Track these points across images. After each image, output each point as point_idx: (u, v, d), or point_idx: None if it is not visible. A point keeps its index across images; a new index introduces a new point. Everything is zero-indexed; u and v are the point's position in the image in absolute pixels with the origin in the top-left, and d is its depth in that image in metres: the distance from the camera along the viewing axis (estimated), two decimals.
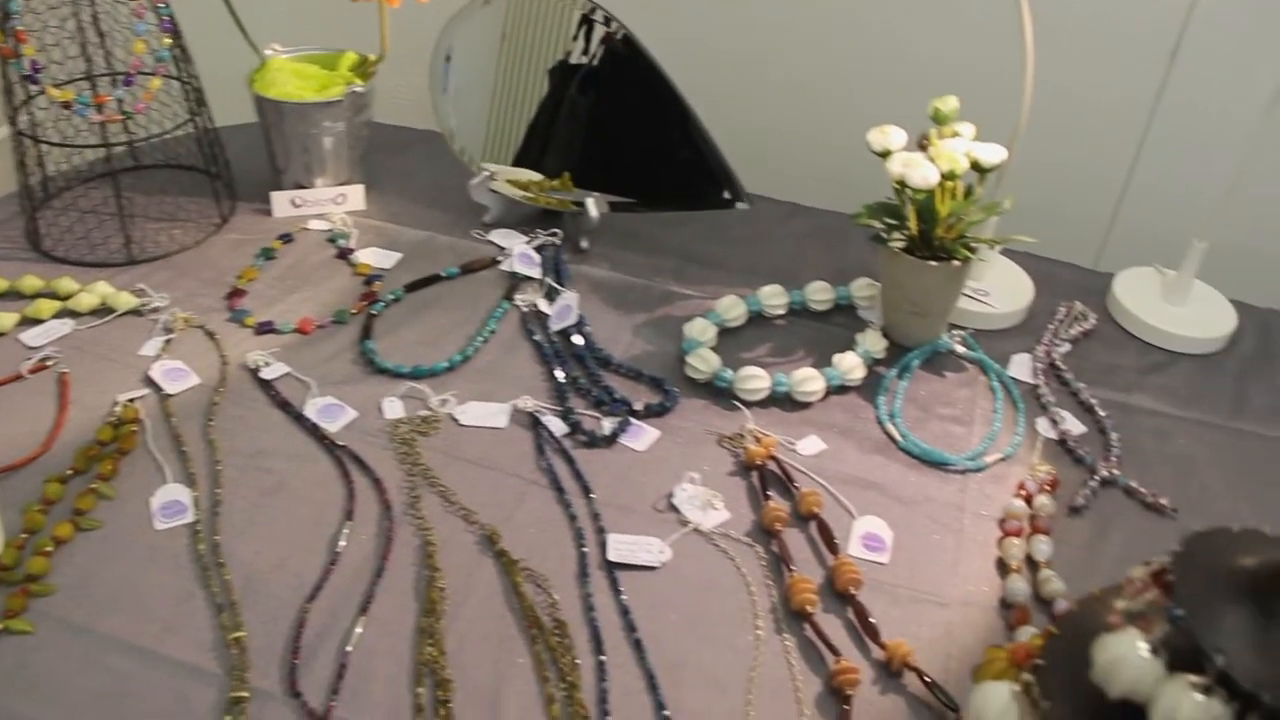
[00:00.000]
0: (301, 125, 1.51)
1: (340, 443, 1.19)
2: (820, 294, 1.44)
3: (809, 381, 1.28)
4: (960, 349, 1.40)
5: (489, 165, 1.54)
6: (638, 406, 1.25)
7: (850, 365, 1.31)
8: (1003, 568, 1.11)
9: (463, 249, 1.52)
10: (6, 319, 1.32)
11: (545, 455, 1.19)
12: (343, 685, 0.95)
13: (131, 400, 1.23)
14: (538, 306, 1.40)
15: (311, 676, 0.96)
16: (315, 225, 1.55)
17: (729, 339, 1.39)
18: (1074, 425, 1.31)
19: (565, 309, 1.38)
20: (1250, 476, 1.28)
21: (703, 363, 1.29)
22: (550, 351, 1.33)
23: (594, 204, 1.50)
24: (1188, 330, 1.47)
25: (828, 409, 1.30)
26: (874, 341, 1.35)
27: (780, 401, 1.29)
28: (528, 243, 1.51)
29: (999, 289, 1.49)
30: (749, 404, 1.28)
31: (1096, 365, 1.42)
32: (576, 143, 1.55)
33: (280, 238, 1.51)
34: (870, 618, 1.03)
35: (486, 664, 0.98)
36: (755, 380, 1.27)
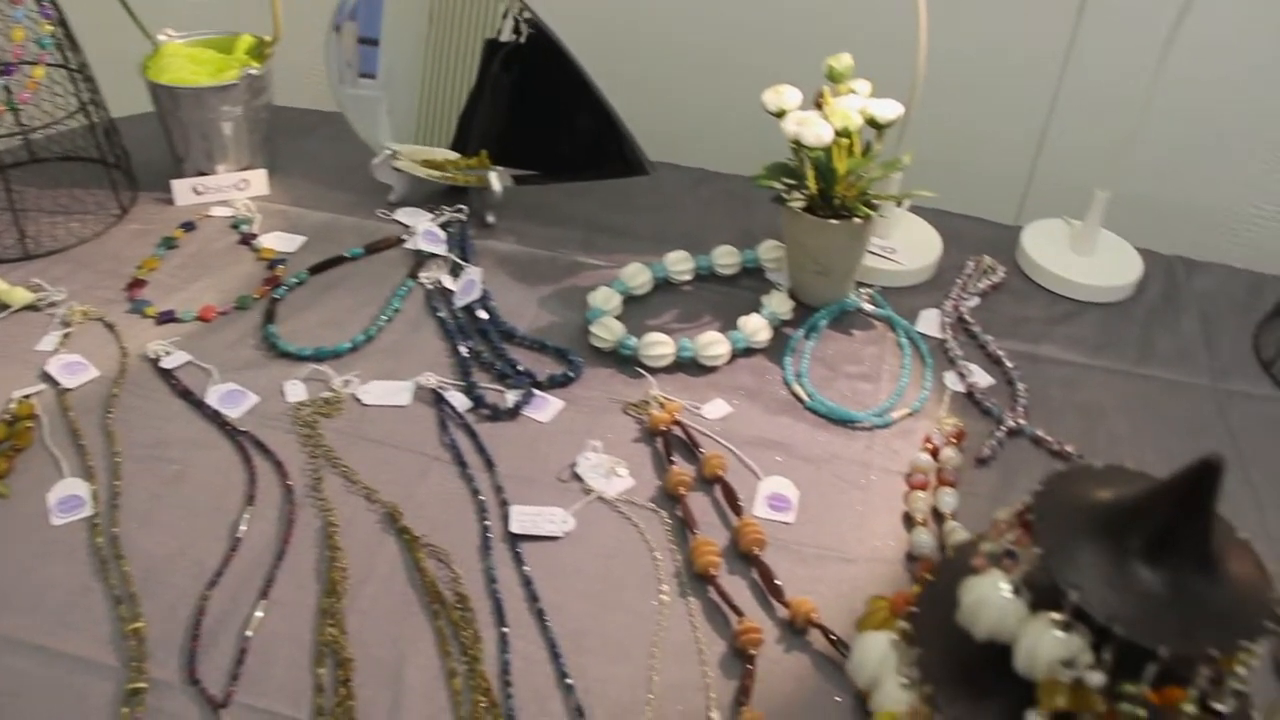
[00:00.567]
0: (198, 111, 1.49)
1: (242, 428, 1.18)
2: (726, 258, 1.43)
3: (714, 345, 1.27)
4: (868, 307, 1.40)
5: (394, 145, 1.52)
6: (541, 378, 1.25)
7: (755, 327, 1.31)
8: (909, 521, 1.12)
9: (368, 229, 1.51)
10: None
11: (448, 431, 1.19)
12: (242, 670, 0.95)
13: (27, 396, 1.20)
14: (442, 283, 1.39)
15: (211, 663, 0.95)
16: (218, 212, 1.53)
17: (635, 307, 1.38)
18: (981, 378, 1.31)
19: (469, 284, 1.37)
20: (1156, 421, 1.29)
21: (606, 331, 1.28)
22: (454, 327, 1.32)
23: (497, 178, 1.48)
24: (1095, 279, 1.48)
25: (734, 372, 1.30)
26: (780, 303, 1.35)
27: (686, 367, 1.29)
28: (433, 220, 1.50)
29: (907, 246, 1.49)
30: (654, 371, 1.27)
31: (1005, 318, 1.43)
32: (500, 120, 1.53)
33: (182, 226, 1.48)
34: (775, 577, 1.03)
35: (388, 641, 0.98)
36: (659, 346, 1.26)
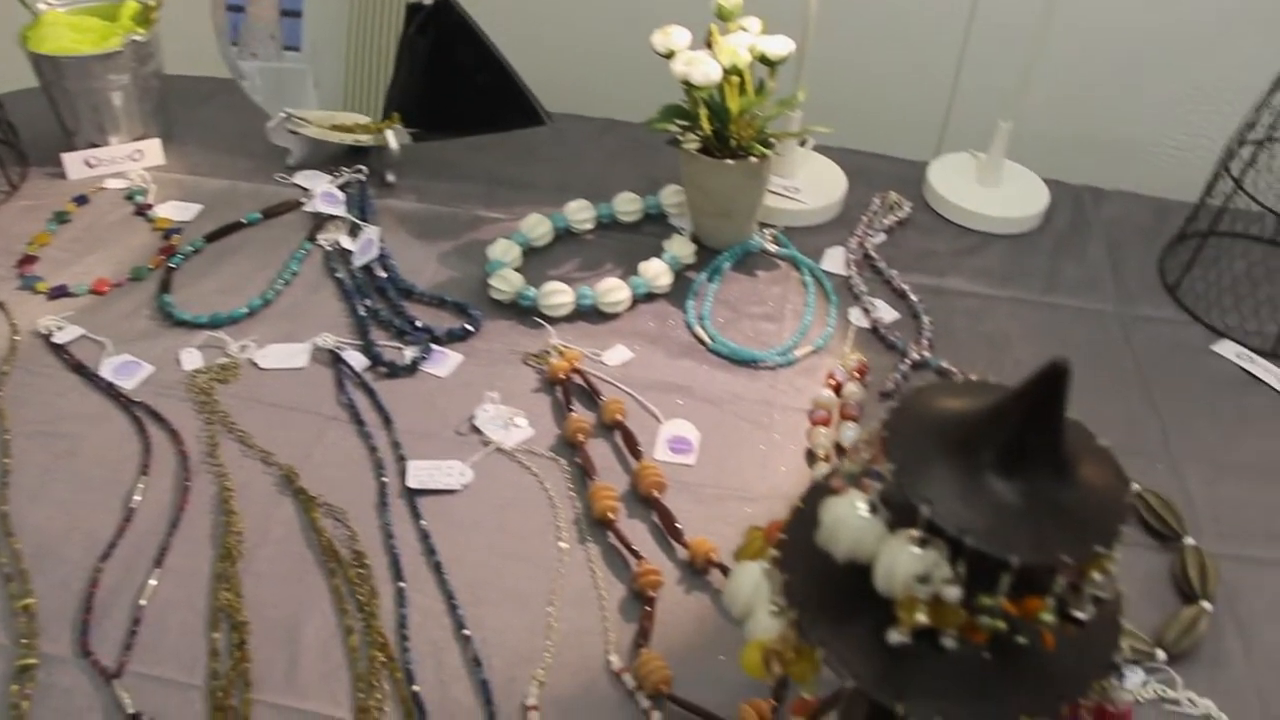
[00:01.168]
0: (83, 81, 1.45)
1: (137, 399, 1.16)
2: (628, 205, 1.42)
3: (613, 292, 1.27)
4: (771, 247, 1.39)
5: (289, 109, 1.49)
6: (440, 333, 1.23)
7: (656, 272, 1.30)
8: (811, 458, 1.12)
9: (267, 194, 1.48)
10: None
11: (345, 390, 1.17)
12: (136, 640, 0.93)
13: None
14: (341, 244, 1.37)
15: (104, 635, 0.94)
16: (112, 184, 1.50)
17: (537, 259, 1.37)
18: (886, 312, 1.31)
19: (367, 243, 1.35)
20: (1062, 348, 1.26)
21: (505, 283, 1.27)
22: (352, 287, 1.31)
23: (394, 136, 1.46)
24: (1001, 211, 1.48)
25: (636, 318, 1.29)
26: (681, 247, 1.34)
27: (587, 315, 1.28)
28: (332, 182, 1.48)
29: (812, 185, 1.48)
30: (554, 320, 1.26)
31: (911, 252, 1.43)
32: (418, 85, 1.51)
33: (75, 200, 1.45)
34: (675, 519, 1.03)
35: (285, 602, 0.97)
36: (559, 295, 1.25)
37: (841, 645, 0.63)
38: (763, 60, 1.26)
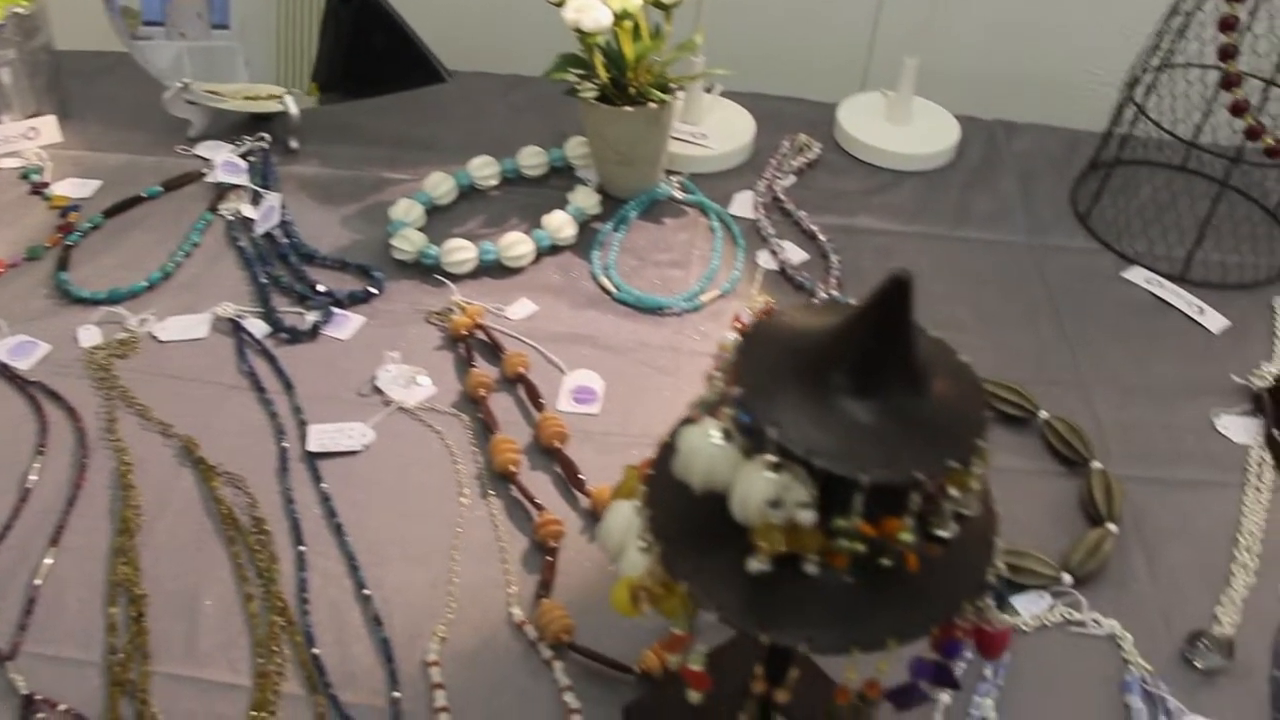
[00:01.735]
0: None
1: (32, 379, 1.14)
2: (533, 159, 1.40)
3: (516, 246, 1.25)
4: (678, 194, 1.38)
5: (184, 78, 1.47)
6: (341, 296, 1.22)
7: (559, 224, 1.29)
8: None
9: (168, 167, 1.45)
10: None
11: (246, 358, 1.16)
12: (30, 620, 0.92)
13: None
14: (242, 213, 1.35)
15: None
16: (6, 164, 1.46)
17: (441, 217, 1.35)
18: (795, 254, 1.31)
19: (269, 210, 1.33)
20: (971, 280, 1.30)
21: (406, 243, 1.25)
22: (254, 255, 1.29)
23: (294, 101, 1.44)
24: (911, 148, 1.48)
25: (541, 271, 1.28)
26: (585, 198, 1.33)
27: (491, 271, 1.27)
28: (234, 151, 1.45)
29: (720, 131, 1.47)
30: (457, 278, 1.25)
31: (821, 193, 1.43)
32: (341, 53, 1.48)
33: None
34: (577, 470, 1.02)
35: (184, 573, 0.95)
36: (461, 252, 1.24)
37: (706, 577, 0.63)
38: (656, 4, 1.24)
